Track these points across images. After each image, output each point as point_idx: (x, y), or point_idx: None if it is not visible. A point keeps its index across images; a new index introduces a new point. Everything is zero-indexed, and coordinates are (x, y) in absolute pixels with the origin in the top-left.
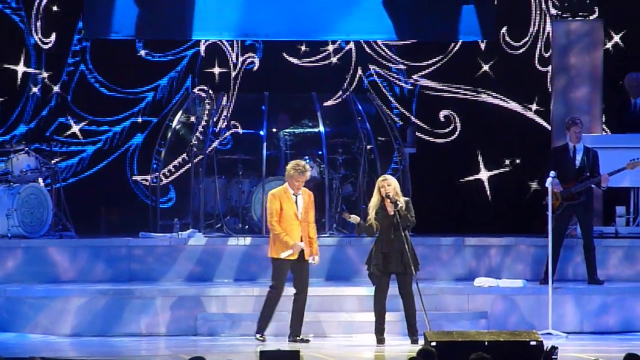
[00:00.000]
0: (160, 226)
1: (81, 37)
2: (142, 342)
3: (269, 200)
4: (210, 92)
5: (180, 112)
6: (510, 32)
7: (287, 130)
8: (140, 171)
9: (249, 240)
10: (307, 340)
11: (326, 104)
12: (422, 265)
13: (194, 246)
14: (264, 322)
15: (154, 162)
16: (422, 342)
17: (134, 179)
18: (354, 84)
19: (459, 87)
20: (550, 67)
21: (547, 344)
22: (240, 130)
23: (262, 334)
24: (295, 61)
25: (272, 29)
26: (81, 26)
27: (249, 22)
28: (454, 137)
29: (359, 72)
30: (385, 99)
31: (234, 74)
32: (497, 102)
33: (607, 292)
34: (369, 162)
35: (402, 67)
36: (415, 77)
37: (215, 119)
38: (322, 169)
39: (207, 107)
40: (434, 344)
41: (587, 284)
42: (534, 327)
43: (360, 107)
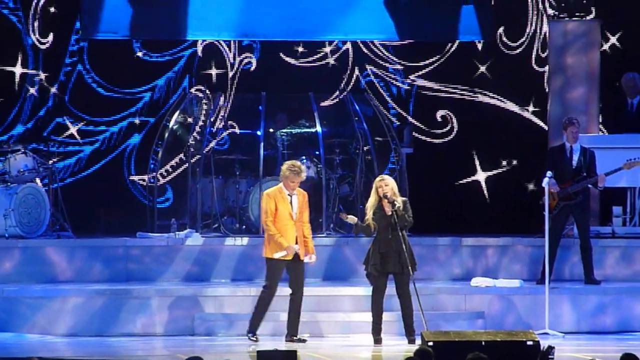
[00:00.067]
0: (157, 226)
1: (79, 38)
2: (139, 342)
3: (263, 200)
4: (207, 92)
5: (177, 113)
6: (507, 33)
7: (284, 130)
8: (137, 171)
9: (246, 240)
10: (304, 340)
11: (323, 104)
12: (419, 265)
13: (191, 246)
14: (256, 322)
15: (151, 162)
16: (419, 342)
17: (132, 179)
18: (351, 84)
19: (456, 87)
20: (547, 68)
21: (544, 344)
22: (237, 130)
23: (254, 334)
24: (292, 61)
25: (269, 29)
26: (79, 26)
27: (246, 22)
28: (450, 137)
29: (356, 72)
30: (382, 99)
31: (231, 74)
32: (494, 102)
33: (604, 292)
34: (366, 162)
35: (399, 67)
36: (412, 77)
37: (212, 119)
38: (319, 169)
39: (205, 107)
40: (431, 344)
41: (584, 284)
42: (531, 327)
43: (357, 108)
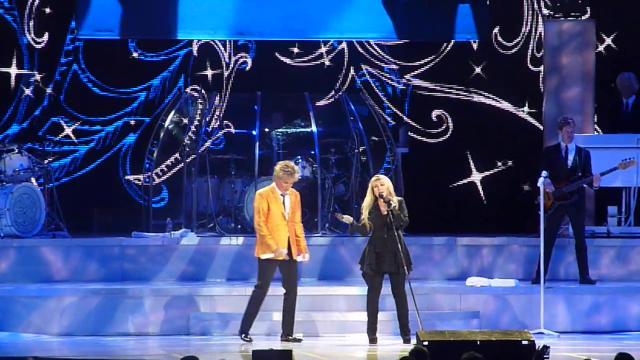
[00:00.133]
0: (152, 226)
1: (74, 37)
2: (134, 341)
3: (256, 200)
4: (202, 91)
5: (172, 112)
6: (502, 32)
7: (280, 130)
8: (132, 171)
9: (241, 239)
10: (299, 339)
11: (319, 104)
12: (415, 264)
13: (186, 246)
14: (248, 322)
15: (147, 162)
16: (414, 341)
17: (127, 178)
18: (347, 83)
19: (451, 87)
20: (542, 67)
21: (539, 344)
22: (232, 130)
23: (247, 334)
24: (287, 61)
25: (264, 28)
26: (74, 26)
27: (240, 21)
28: (446, 137)
29: (352, 72)
30: (377, 99)
31: (226, 73)
32: (489, 102)
33: (599, 292)
34: (361, 162)
35: (394, 67)
36: (407, 77)
37: (207, 119)
38: (314, 169)
39: (200, 106)
40: (426, 343)
41: (579, 284)
42: (526, 327)
43: (352, 107)
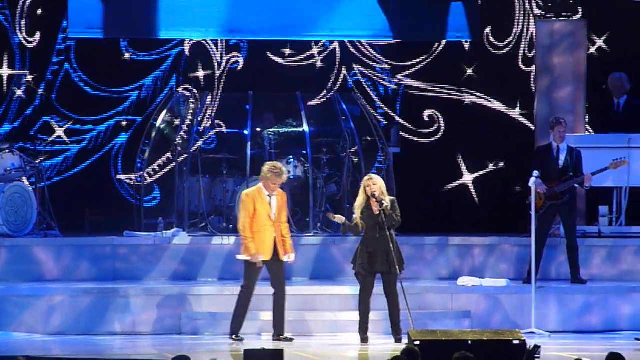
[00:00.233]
0: (144, 225)
1: (65, 36)
2: (126, 340)
3: (242, 200)
4: (194, 91)
5: (164, 112)
6: (494, 32)
7: (272, 129)
8: (124, 170)
9: (233, 239)
10: (290, 339)
11: (310, 104)
12: (407, 264)
13: (178, 245)
14: (237, 322)
15: (139, 161)
16: (406, 341)
17: (119, 178)
18: (339, 83)
19: (443, 87)
20: (534, 67)
21: (530, 343)
22: (224, 129)
23: (237, 335)
24: (279, 61)
25: (255, 26)
26: (65, 25)
27: (232, 19)
28: (438, 136)
29: (344, 71)
30: (369, 99)
31: (218, 73)
32: (481, 102)
33: (590, 292)
34: (353, 161)
35: (386, 66)
36: (399, 76)
37: (199, 118)
38: (306, 169)
39: (192, 106)
40: (417, 343)
41: (570, 284)
42: (518, 326)
43: (344, 107)
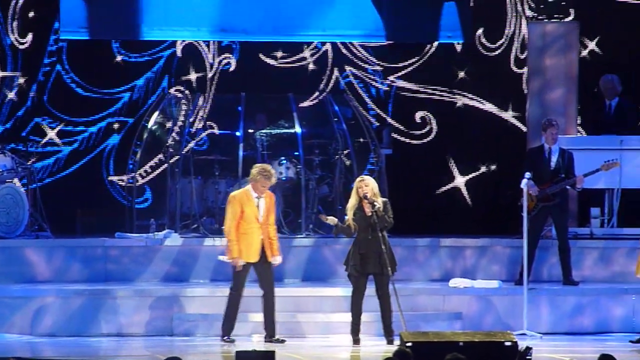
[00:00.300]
0: (136, 226)
1: (57, 38)
2: (118, 342)
3: (229, 202)
4: (186, 92)
5: (156, 113)
6: (486, 34)
7: (264, 131)
8: (116, 171)
9: (225, 240)
10: (282, 340)
11: (302, 105)
12: (399, 266)
13: (170, 247)
14: (228, 325)
15: (130, 163)
16: (398, 342)
17: (110, 179)
18: (331, 85)
19: (435, 88)
20: (526, 69)
21: (522, 345)
22: (216, 130)
23: (228, 337)
24: (271, 62)
25: (247, 26)
26: (57, 26)
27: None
28: (429, 138)
29: (336, 73)
30: (361, 100)
31: (210, 74)
32: (473, 103)
33: (582, 293)
34: (345, 163)
35: (378, 68)
36: (391, 78)
37: (191, 120)
38: (298, 170)
39: (184, 107)
40: (409, 344)
41: (562, 285)
42: (509, 328)
43: (336, 108)
